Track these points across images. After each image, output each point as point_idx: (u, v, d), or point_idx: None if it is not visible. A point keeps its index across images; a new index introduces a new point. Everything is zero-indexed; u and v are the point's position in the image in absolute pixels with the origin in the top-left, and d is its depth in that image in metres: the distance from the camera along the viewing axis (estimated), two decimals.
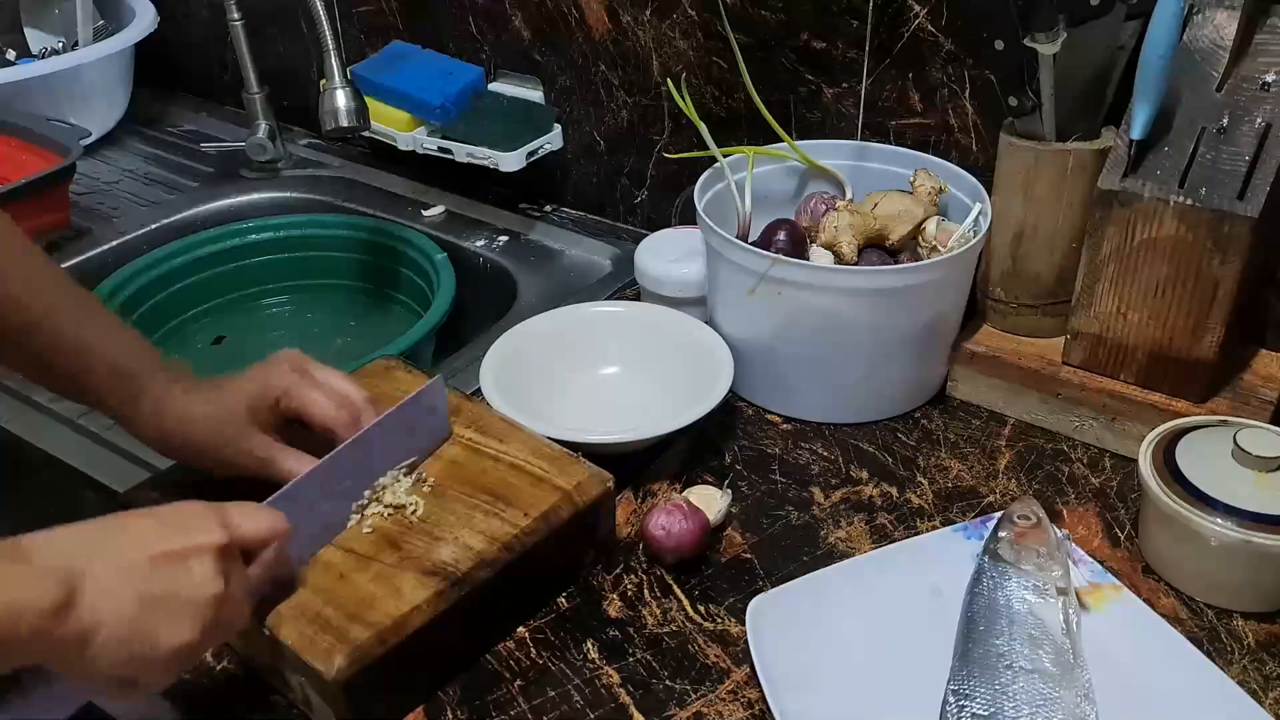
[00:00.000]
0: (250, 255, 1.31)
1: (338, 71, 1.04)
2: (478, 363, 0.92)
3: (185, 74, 1.66)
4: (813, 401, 0.94)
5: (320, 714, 0.68)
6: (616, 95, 1.21)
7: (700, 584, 0.79)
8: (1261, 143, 0.81)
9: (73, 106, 1.40)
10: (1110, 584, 0.76)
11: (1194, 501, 0.75)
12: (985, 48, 0.88)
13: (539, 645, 0.75)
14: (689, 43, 1.12)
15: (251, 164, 1.44)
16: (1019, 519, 0.77)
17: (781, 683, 0.68)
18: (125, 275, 1.21)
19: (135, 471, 0.91)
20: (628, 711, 0.70)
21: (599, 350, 0.98)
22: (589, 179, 1.28)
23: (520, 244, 1.27)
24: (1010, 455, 0.91)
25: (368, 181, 1.41)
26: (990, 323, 0.97)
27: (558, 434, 0.82)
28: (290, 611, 0.67)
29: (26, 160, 1.29)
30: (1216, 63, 0.84)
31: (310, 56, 1.47)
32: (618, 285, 1.15)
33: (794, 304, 0.89)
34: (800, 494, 0.87)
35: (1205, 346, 0.85)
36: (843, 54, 1.04)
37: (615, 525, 0.82)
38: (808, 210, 1.00)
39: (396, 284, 1.29)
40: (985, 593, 0.73)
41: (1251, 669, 0.71)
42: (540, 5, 1.21)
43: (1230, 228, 0.80)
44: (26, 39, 1.59)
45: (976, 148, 1.01)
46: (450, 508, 0.74)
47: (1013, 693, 0.66)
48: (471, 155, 1.23)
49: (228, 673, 0.73)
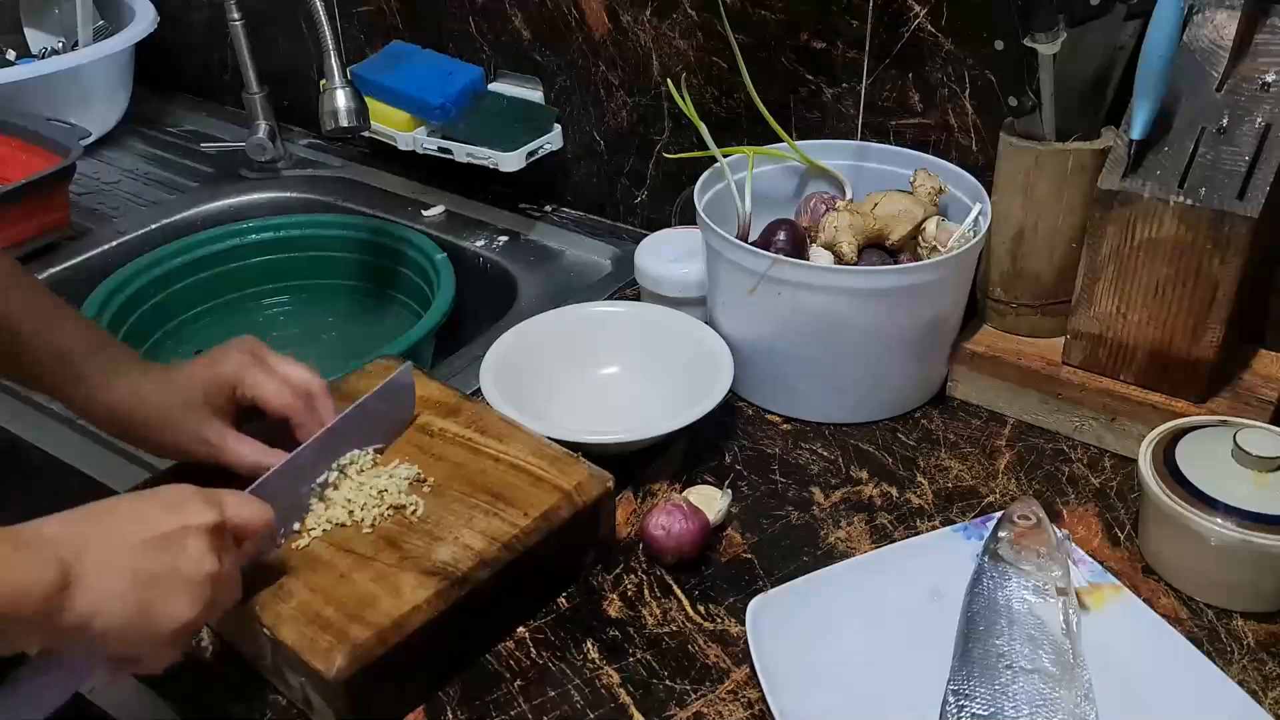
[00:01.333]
0: (250, 255, 1.31)
1: (338, 71, 1.04)
2: (478, 363, 0.92)
3: (185, 74, 1.66)
4: (813, 401, 0.94)
5: (320, 714, 0.68)
6: (616, 95, 1.21)
7: (700, 584, 0.79)
8: (1261, 143, 0.81)
9: (73, 106, 1.40)
10: (1110, 584, 0.76)
11: (1194, 501, 0.75)
12: (985, 48, 0.88)
13: (539, 645, 0.75)
14: (689, 43, 1.12)
15: (251, 164, 1.44)
16: (1019, 519, 0.77)
17: (781, 683, 0.68)
18: (125, 275, 1.21)
19: (135, 471, 0.91)
20: (628, 711, 0.70)
21: (599, 350, 0.98)
22: (589, 179, 1.28)
23: (520, 244, 1.27)
24: (1010, 455, 0.91)
25: (368, 181, 1.41)
26: (990, 323, 0.97)
27: (558, 434, 0.82)
28: (290, 611, 0.67)
29: (26, 160, 1.29)
30: (1216, 63, 0.84)
31: (310, 56, 1.47)
32: (618, 285, 1.15)
33: (794, 304, 0.89)
34: (800, 494, 0.87)
35: (1205, 346, 0.85)
36: (843, 54, 1.04)
37: (615, 525, 0.82)
38: (808, 210, 1.00)
39: (396, 284, 1.29)
40: (985, 593, 0.73)
41: (1251, 669, 0.71)
42: (540, 5, 1.21)
43: (1230, 228, 0.80)
44: (26, 39, 1.59)
45: (976, 148, 1.01)
46: (450, 508, 0.74)
47: (1013, 693, 0.66)
48: (471, 155, 1.23)
49: (228, 673, 0.73)
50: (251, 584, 0.69)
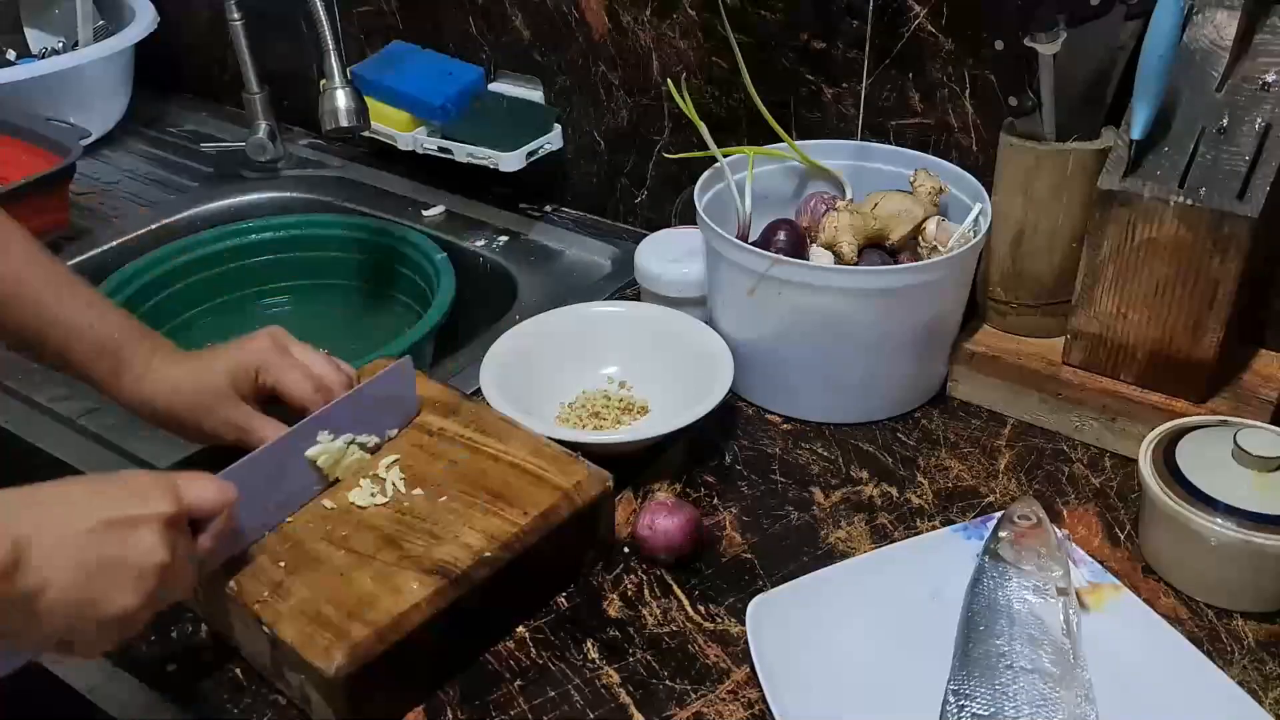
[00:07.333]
0: (250, 255, 1.31)
1: (338, 71, 1.04)
2: (478, 363, 0.92)
3: (185, 74, 1.66)
4: (813, 401, 0.94)
5: (319, 712, 0.68)
6: (616, 95, 1.21)
7: (700, 584, 0.79)
8: (1261, 143, 0.81)
9: (73, 106, 1.40)
10: (1110, 584, 0.76)
11: (1194, 501, 0.75)
12: (985, 48, 0.88)
13: (539, 645, 0.75)
14: (689, 43, 1.12)
15: (251, 164, 1.44)
16: (1019, 519, 0.77)
17: (781, 683, 0.68)
18: (125, 275, 1.21)
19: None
20: (628, 711, 0.70)
21: (599, 350, 0.98)
22: (589, 179, 1.28)
23: (520, 244, 1.27)
24: (1010, 455, 0.91)
25: (368, 181, 1.41)
26: (990, 323, 0.97)
27: (558, 434, 0.82)
28: (290, 609, 0.67)
29: (26, 160, 1.29)
30: (1216, 63, 0.84)
31: (310, 56, 1.47)
32: (618, 285, 1.15)
33: (794, 304, 0.89)
34: (800, 494, 0.87)
35: (1205, 346, 0.85)
36: (843, 54, 1.04)
37: (615, 525, 0.82)
38: (808, 210, 1.00)
39: (396, 284, 1.28)
40: (985, 593, 0.73)
41: (1251, 669, 0.71)
42: (540, 5, 1.21)
43: (1230, 228, 0.80)
44: (26, 39, 1.59)
45: (976, 148, 1.01)
46: (450, 506, 0.74)
47: (1013, 693, 0.66)
48: (471, 155, 1.23)
49: (228, 672, 0.73)
50: (250, 582, 0.69)
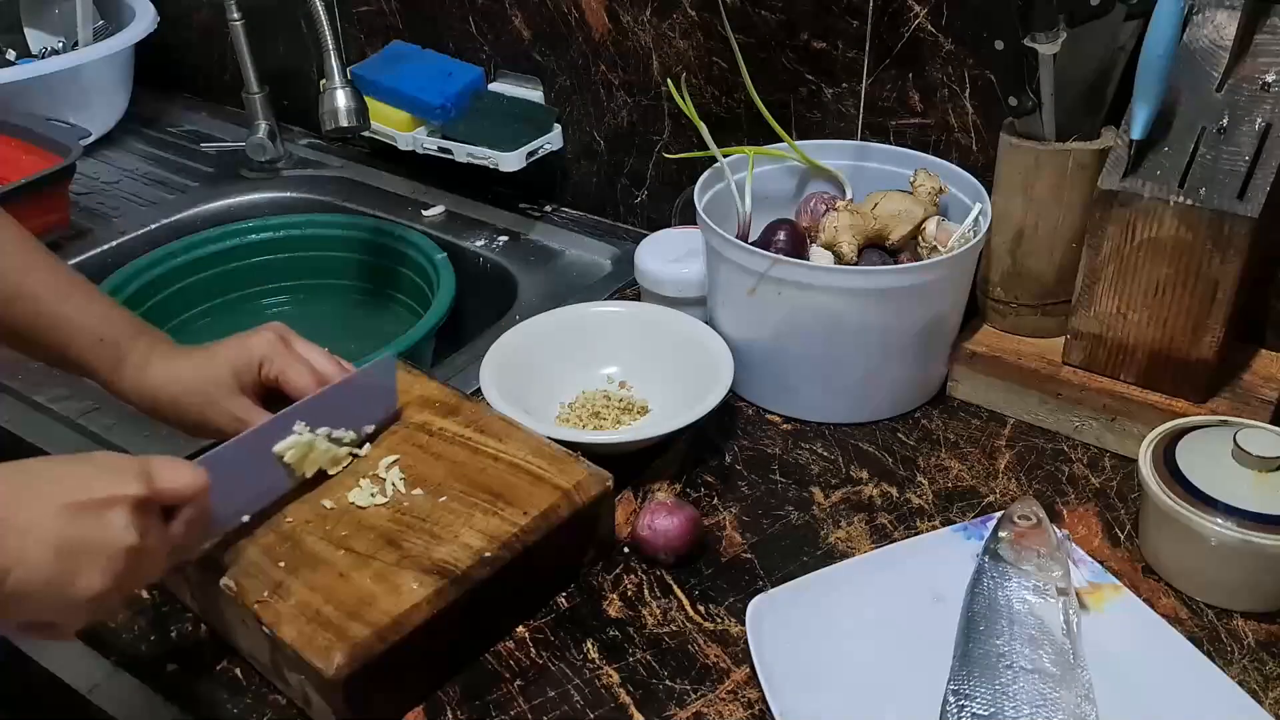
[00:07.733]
0: (250, 255, 1.31)
1: (338, 71, 1.04)
2: (478, 363, 0.92)
3: (185, 74, 1.66)
4: (813, 401, 0.94)
5: (319, 712, 0.68)
6: (616, 95, 1.21)
7: (700, 584, 0.79)
8: (1261, 143, 0.81)
9: (73, 106, 1.40)
10: (1110, 584, 0.76)
11: (1194, 501, 0.74)
12: (985, 48, 0.88)
13: (539, 645, 0.75)
14: (689, 43, 1.12)
15: (251, 164, 1.44)
16: (1019, 519, 0.77)
17: (781, 683, 0.68)
18: (125, 275, 1.21)
19: None
20: (628, 711, 0.70)
21: (599, 350, 0.98)
22: (589, 179, 1.28)
23: (520, 244, 1.27)
24: (1010, 455, 0.91)
25: (368, 181, 1.41)
26: (990, 323, 0.97)
27: (557, 434, 0.82)
28: (290, 609, 0.67)
29: (26, 160, 1.29)
30: (1216, 63, 0.84)
31: (310, 56, 1.47)
32: (618, 285, 1.15)
33: (794, 304, 0.89)
34: (800, 494, 0.87)
35: (1205, 346, 0.85)
36: (843, 54, 1.04)
37: (615, 525, 0.82)
38: (808, 210, 1.00)
39: (396, 284, 1.29)
40: (985, 593, 0.73)
41: (1251, 669, 0.71)
42: (540, 5, 1.21)
43: (1230, 228, 0.80)
44: (26, 39, 1.59)
45: (976, 148, 1.01)
46: (450, 506, 0.74)
47: (1013, 693, 0.66)
48: (471, 155, 1.23)
49: (228, 672, 0.73)
50: (250, 582, 0.69)
